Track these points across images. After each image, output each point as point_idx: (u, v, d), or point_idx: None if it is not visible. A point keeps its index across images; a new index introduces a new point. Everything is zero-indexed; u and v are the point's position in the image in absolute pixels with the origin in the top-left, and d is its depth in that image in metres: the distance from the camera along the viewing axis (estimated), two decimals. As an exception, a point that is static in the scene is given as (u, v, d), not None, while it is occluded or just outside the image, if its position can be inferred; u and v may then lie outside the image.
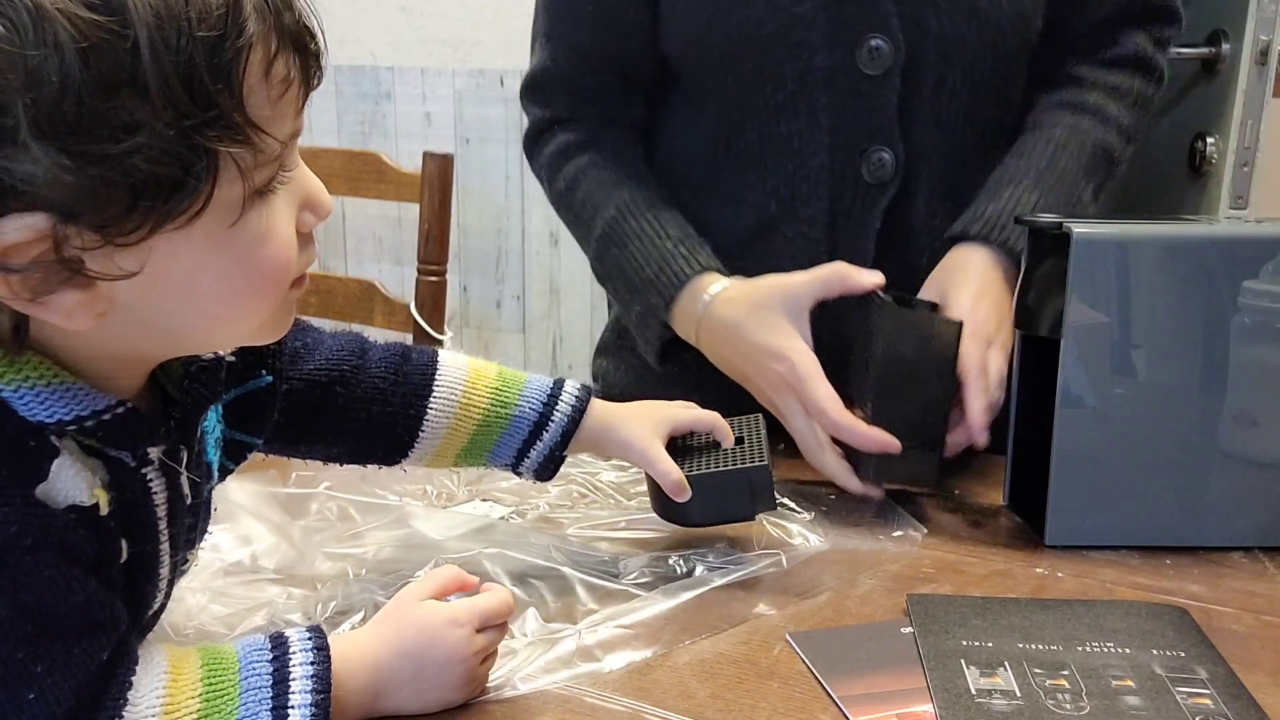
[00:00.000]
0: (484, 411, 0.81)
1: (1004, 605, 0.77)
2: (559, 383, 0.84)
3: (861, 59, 1.00)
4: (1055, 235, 0.86)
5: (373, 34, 2.50)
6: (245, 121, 0.51)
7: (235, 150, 0.51)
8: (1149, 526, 0.87)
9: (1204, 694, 0.66)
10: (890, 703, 0.66)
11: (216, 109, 0.49)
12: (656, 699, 0.67)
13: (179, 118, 0.48)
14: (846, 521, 0.91)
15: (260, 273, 0.55)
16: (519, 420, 0.83)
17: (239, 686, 0.56)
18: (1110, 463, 0.86)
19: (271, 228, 0.55)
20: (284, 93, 0.53)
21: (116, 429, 0.55)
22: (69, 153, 0.47)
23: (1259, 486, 0.87)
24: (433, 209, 1.78)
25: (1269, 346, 0.85)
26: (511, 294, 2.52)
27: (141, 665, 0.55)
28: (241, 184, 0.52)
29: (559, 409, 0.83)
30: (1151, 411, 0.85)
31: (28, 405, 0.53)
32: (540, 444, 0.83)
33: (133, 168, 0.48)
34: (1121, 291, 0.84)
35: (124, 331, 0.54)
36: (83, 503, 0.54)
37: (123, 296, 0.52)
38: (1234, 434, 0.86)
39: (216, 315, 0.56)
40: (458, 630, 0.63)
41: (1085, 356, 0.84)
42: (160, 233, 0.50)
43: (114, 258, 0.50)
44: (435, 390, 0.80)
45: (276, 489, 0.92)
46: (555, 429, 0.83)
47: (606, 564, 0.83)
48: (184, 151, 0.49)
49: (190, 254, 0.52)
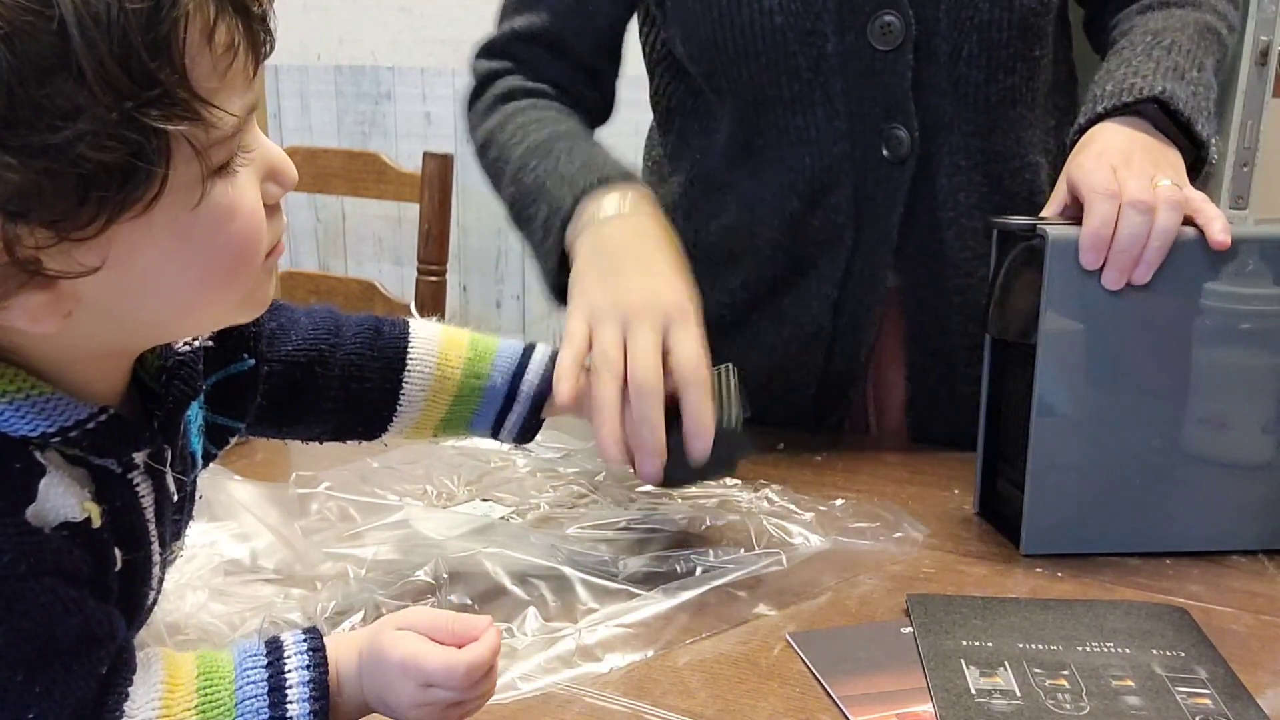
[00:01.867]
0: (458, 384, 0.81)
1: (1004, 605, 0.77)
2: (529, 348, 0.84)
3: (873, 36, 0.99)
4: (1025, 238, 0.85)
5: (373, 34, 2.50)
6: (192, 96, 0.47)
7: (185, 129, 0.48)
8: (1125, 533, 0.86)
9: (1204, 694, 0.66)
10: (890, 703, 0.66)
11: (158, 86, 0.46)
12: (656, 699, 0.67)
13: (119, 99, 0.45)
14: (846, 521, 0.91)
15: (230, 252, 0.53)
16: (492, 390, 0.82)
17: (234, 697, 0.55)
18: (1086, 470, 0.85)
19: (236, 203, 0.52)
20: (230, 62, 0.49)
21: (101, 438, 0.54)
22: (7, 148, 0.44)
23: (1232, 489, 0.86)
24: (433, 209, 1.78)
25: (1232, 348, 0.84)
26: (511, 294, 2.52)
27: (139, 674, 0.54)
28: (198, 163, 0.49)
29: (527, 377, 0.83)
30: (1128, 417, 0.84)
31: (7, 420, 0.51)
32: (514, 413, 0.83)
33: (78, 157, 0.45)
34: (1096, 296, 0.83)
35: (94, 329, 0.52)
36: (74, 518, 0.53)
37: (89, 294, 0.50)
38: (1204, 437, 0.85)
39: (190, 302, 0.54)
40: (404, 681, 0.57)
41: (1060, 363, 0.84)
42: (118, 223, 0.48)
43: (72, 254, 0.48)
44: (410, 364, 0.80)
45: (276, 489, 0.92)
46: (525, 397, 0.83)
47: (606, 564, 0.83)
48: (130, 135, 0.46)
49: (153, 242, 0.50)
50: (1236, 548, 0.87)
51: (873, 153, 1.03)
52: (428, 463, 1.02)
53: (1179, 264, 0.82)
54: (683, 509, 0.92)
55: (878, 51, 1.00)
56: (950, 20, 1.00)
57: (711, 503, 0.94)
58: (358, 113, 2.57)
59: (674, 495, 0.95)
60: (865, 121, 1.02)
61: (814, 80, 1.01)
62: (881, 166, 1.03)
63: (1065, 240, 0.82)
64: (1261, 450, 0.86)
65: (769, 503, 0.94)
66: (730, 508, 0.93)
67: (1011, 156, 1.07)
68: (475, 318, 2.53)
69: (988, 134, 1.05)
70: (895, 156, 1.02)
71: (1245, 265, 0.82)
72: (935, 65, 1.01)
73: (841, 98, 1.01)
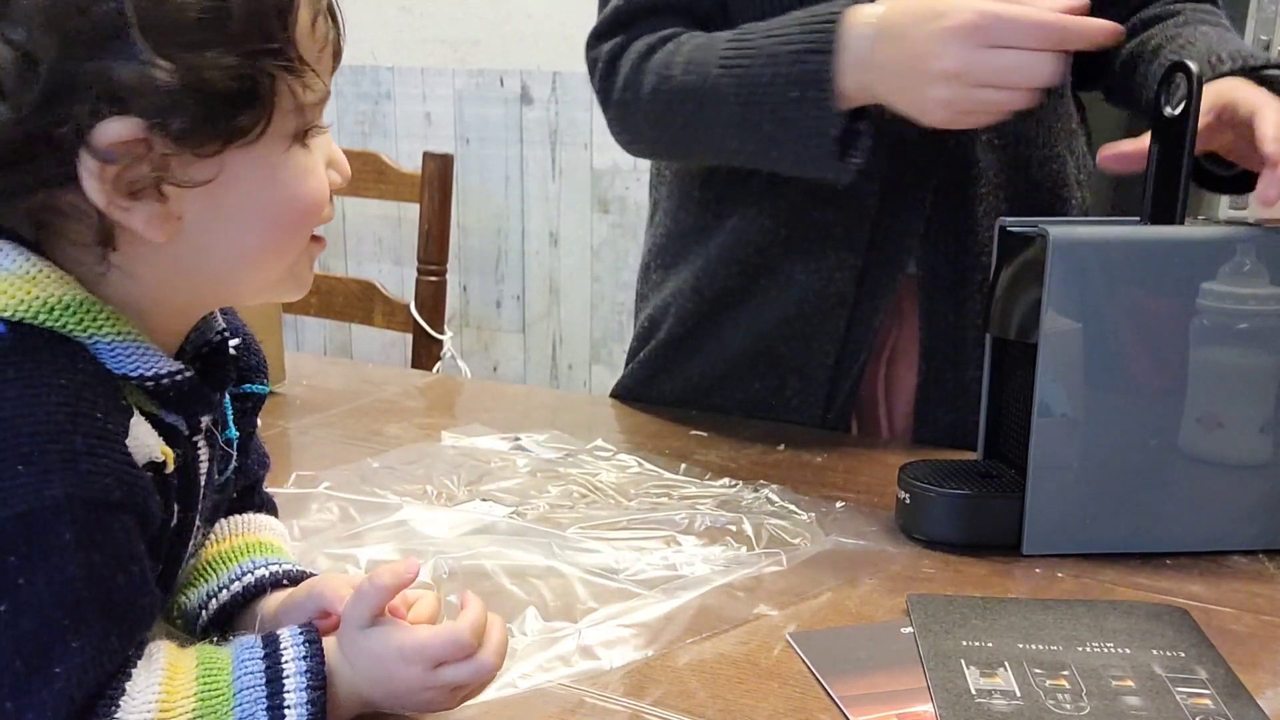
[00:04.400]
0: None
1: (1004, 605, 0.77)
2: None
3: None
4: (1026, 238, 0.85)
5: (373, 34, 2.50)
6: (298, 59, 0.55)
7: (290, 81, 0.55)
8: (1125, 533, 0.86)
9: (1204, 694, 0.67)
10: (890, 703, 0.66)
11: (277, 42, 0.54)
12: (656, 699, 0.67)
13: (249, 43, 0.53)
14: (847, 522, 0.91)
15: (301, 204, 0.58)
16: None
17: (233, 687, 0.56)
18: (1087, 470, 0.85)
19: (311, 166, 0.59)
20: (322, 49, 0.58)
21: (184, 392, 0.58)
22: (166, 57, 0.51)
23: (1232, 489, 0.86)
24: (433, 209, 1.78)
25: (1233, 348, 0.84)
26: (511, 294, 2.52)
27: (143, 660, 0.55)
28: (294, 116, 0.56)
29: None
30: (1128, 417, 0.85)
31: (117, 357, 0.55)
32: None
33: (212, 80, 0.52)
34: (1096, 295, 0.83)
35: (175, 267, 0.57)
36: (156, 459, 0.56)
37: (191, 214, 0.55)
38: (1204, 437, 0.85)
39: (255, 250, 0.58)
40: (408, 669, 0.59)
41: (1061, 364, 0.84)
42: (231, 148, 0.54)
43: (190, 168, 0.54)
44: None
45: (276, 489, 0.92)
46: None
47: (606, 563, 0.83)
48: (252, 72, 0.53)
49: (253, 174, 0.56)
50: (1236, 548, 0.87)
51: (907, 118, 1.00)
52: (428, 463, 1.02)
53: (1179, 264, 0.82)
54: (683, 509, 0.93)
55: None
56: None
57: (711, 503, 0.94)
58: (358, 112, 2.57)
59: (673, 495, 0.95)
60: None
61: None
62: (917, 127, 0.99)
63: (1066, 240, 0.82)
64: (1261, 450, 0.86)
65: (769, 503, 0.94)
66: (730, 508, 0.93)
67: (1041, 144, 1.07)
68: (475, 318, 2.53)
69: (1022, 115, 1.03)
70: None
71: (1243, 265, 0.82)
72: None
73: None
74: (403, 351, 2.11)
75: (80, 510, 0.51)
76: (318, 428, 1.13)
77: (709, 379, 1.17)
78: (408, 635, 0.59)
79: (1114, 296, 0.83)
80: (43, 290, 0.53)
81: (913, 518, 0.88)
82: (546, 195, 2.46)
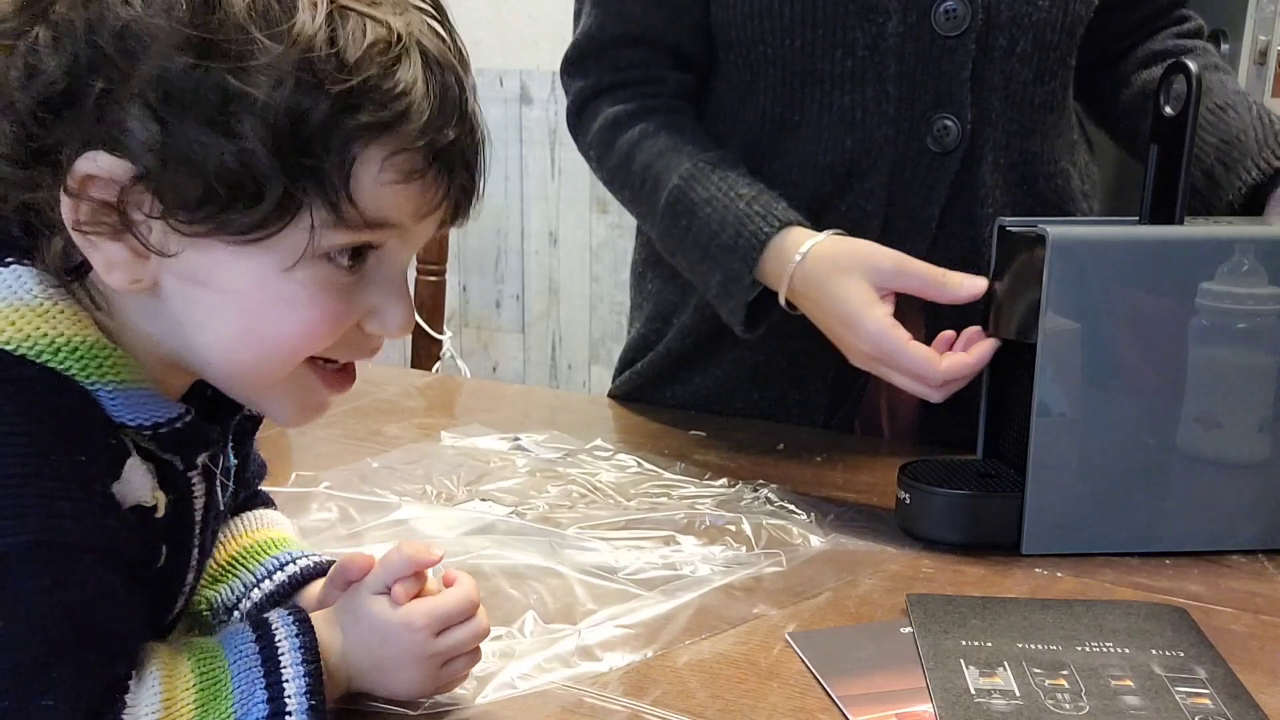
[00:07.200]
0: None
1: (1004, 605, 0.77)
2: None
3: (936, 20, 0.98)
4: (1025, 238, 0.85)
5: (372, 34, 2.50)
6: (340, 183, 0.51)
7: (319, 203, 0.52)
8: (1125, 533, 0.86)
9: (1203, 694, 0.67)
10: (890, 703, 0.66)
11: (311, 158, 0.50)
12: (656, 699, 0.67)
13: (279, 147, 0.50)
14: (846, 521, 0.91)
15: (274, 333, 0.55)
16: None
17: (229, 671, 0.57)
18: (1086, 470, 0.85)
19: (311, 299, 0.54)
20: (400, 182, 0.53)
21: (184, 436, 0.57)
22: (166, 123, 0.49)
23: (1232, 489, 0.86)
24: (432, 209, 1.77)
25: (1228, 347, 0.84)
26: (511, 294, 2.52)
27: (138, 669, 0.55)
28: (308, 237, 0.52)
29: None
30: (1128, 417, 0.84)
31: (117, 406, 0.54)
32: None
33: (219, 165, 0.50)
34: (1095, 296, 0.83)
35: (161, 325, 0.55)
36: (145, 503, 0.55)
37: (165, 283, 0.54)
38: (1203, 437, 0.85)
39: (231, 349, 0.56)
40: (412, 634, 0.61)
41: (1060, 364, 0.84)
42: (218, 237, 0.52)
43: (167, 237, 0.52)
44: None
45: (276, 489, 0.92)
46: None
47: (606, 564, 0.83)
48: (269, 176, 0.50)
49: (234, 273, 0.53)
50: (1236, 547, 0.87)
51: (915, 140, 1.01)
52: (428, 463, 1.02)
53: (1178, 264, 0.82)
54: (683, 509, 0.93)
55: (939, 36, 0.98)
56: (1011, 14, 0.99)
57: (711, 503, 0.94)
58: (357, 112, 2.57)
59: (672, 495, 0.95)
60: (914, 108, 1.00)
61: (869, 59, 0.99)
62: (924, 156, 1.01)
63: (1065, 240, 0.82)
64: (1260, 449, 0.86)
65: (769, 503, 0.94)
66: (730, 508, 0.93)
67: (1046, 160, 1.07)
68: (475, 318, 2.53)
69: (1028, 134, 1.05)
70: (941, 147, 1.01)
71: (1242, 265, 0.82)
72: (990, 59, 1.00)
73: (894, 80, 1.00)
74: (402, 351, 2.11)
75: (48, 552, 0.51)
76: (317, 428, 1.13)
77: (708, 391, 1.16)
78: (416, 602, 0.62)
79: (1113, 296, 0.83)
80: (52, 328, 0.53)
81: (912, 517, 0.88)
82: (546, 195, 2.46)
